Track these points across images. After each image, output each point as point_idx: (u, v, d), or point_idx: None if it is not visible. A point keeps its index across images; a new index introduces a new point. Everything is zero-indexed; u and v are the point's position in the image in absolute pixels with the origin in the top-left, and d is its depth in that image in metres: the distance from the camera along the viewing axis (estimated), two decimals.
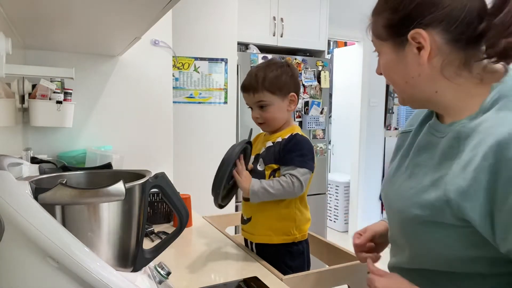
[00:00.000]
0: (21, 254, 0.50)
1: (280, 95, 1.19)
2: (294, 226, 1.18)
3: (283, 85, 1.19)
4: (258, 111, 1.21)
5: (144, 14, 1.03)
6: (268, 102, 1.19)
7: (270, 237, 1.18)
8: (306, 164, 1.14)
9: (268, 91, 1.18)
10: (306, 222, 1.22)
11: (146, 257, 0.67)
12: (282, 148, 1.17)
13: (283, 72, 1.20)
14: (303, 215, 1.21)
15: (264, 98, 1.18)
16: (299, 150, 1.15)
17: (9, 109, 1.16)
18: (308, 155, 1.15)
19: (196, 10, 2.39)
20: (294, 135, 1.19)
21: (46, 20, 1.10)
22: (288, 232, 1.18)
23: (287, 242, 1.18)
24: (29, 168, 0.91)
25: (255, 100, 1.20)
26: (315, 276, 1.06)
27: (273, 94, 1.18)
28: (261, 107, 1.20)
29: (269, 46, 3.04)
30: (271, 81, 1.17)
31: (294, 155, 1.14)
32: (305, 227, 1.22)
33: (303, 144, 1.17)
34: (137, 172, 0.68)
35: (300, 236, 1.20)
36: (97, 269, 0.50)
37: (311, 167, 1.15)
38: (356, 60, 4.16)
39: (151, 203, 1.46)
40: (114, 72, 1.80)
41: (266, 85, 1.17)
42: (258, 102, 1.20)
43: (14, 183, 0.51)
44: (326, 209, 3.21)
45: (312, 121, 3.07)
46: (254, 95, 1.19)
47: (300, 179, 1.11)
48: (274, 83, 1.18)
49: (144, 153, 1.87)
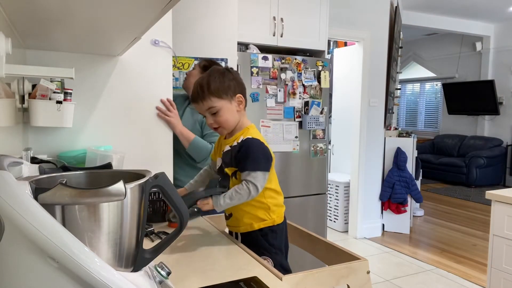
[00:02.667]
0: (21, 254, 0.50)
1: (226, 98, 1.28)
2: (270, 211, 1.32)
3: (227, 88, 1.28)
4: (211, 117, 1.30)
5: (144, 14, 1.03)
6: (218, 106, 1.27)
7: (252, 225, 1.32)
8: (259, 166, 1.24)
9: (214, 97, 1.26)
10: (280, 206, 1.36)
11: (146, 257, 0.67)
12: (235, 155, 1.28)
13: (225, 76, 1.28)
14: (276, 200, 1.34)
15: (212, 104, 1.27)
16: (250, 155, 1.24)
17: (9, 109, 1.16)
18: (258, 157, 1.25)
19: (196, 10, 2.39)
20: (244, 141, 1.28)
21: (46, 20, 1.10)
22: (265, 217, 1.32)
23: (267, 226, 1.31)
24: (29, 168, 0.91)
25: (205, 107, 1.28)
26: (315, 276, 1.06)
27: (220, 99, 1.27)
28: (213, 114, 1.29)
29: (269, 46, 3.04)
30: (215, 86, 1.26)
31: (246, 162, 1.24)
32: (280, 211, 1.36)
33: (252, 148, 1.25)
34: (137, 172, 0.68)
35: (278, 219, 1.34)
36: (97, 269, 0.50)
37: (264, 167, 1.25)
38: (356, 60, 4.16)
39: (152, 202, 1.46)
40: (114, 72, 1.80)
41: (212, 91, 1.26)
42: (208, 109, 1.28)
43: (14, 183, 0.51)
44: (326, 209, 3.22)
45: (312, 121, 3.07)
46: (203, 103, 1.28)
47: (255, 183, 1.22)
48: (218, 88, 1.26)
49: (144, 153, 1.87)
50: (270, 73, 2.92)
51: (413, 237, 4.21)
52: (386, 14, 4.15)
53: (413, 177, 4.24)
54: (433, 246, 3.95)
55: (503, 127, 6.96)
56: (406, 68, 8.67)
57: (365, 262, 1.14)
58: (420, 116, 8.80)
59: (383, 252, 3.79)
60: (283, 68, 2.96)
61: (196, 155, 1.97)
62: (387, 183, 4.24)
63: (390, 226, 4.35)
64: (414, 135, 4.34)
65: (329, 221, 4.50)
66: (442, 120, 8.19)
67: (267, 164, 1.26)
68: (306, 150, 3.10)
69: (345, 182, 4.35)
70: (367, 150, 4.19)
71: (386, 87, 4.26)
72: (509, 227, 2.02)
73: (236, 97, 1.30)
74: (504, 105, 6.92)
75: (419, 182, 4.66)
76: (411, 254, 3.69)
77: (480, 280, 3.11)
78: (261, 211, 1.31)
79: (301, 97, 3.05)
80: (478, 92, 7.03)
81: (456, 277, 3.20)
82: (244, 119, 1.34)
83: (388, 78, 4.26)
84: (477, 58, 7.31)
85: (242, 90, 1.32)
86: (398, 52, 4.57)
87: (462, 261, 3.54)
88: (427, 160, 7.32)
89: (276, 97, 2.95)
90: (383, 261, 3.55)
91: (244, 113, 1.35)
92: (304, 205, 3.09)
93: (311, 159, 3.13)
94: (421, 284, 3.07)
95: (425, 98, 8.68)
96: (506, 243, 2.03)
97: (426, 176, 7.14)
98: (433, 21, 5.83)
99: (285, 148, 2.99)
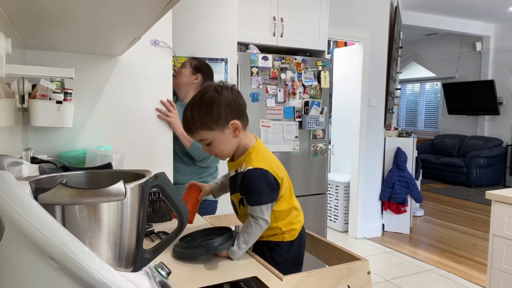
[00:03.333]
0: (21, 254, 0.50)
1: (217, 128, 1.14)
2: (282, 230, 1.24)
3: (217, 118, 1.13)
4: (206, 148, 1.20)
5: (144, 14, 1.03)
6: (209, 138, 1.16)
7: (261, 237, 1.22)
8: (262, 200, 1.15)
9: (203, 130, 1.14)
10: (294, 223, 1.27)
11: (146, 257, 0.67)
12: (239, 186, 1.20)
13: (213, 103, 1.13)
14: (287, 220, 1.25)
15: (202, 137, 1.16)
16: (253, 189, 1.15)
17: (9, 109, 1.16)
18: (262, 190, 1.15)
19: (196, 10, 2.39)
20: (246, 173, 1.16)
21: (46, 20, 1.10)
22: (276, 232, 1.24)
23: (275, 240, 1.25)
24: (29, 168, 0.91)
25: (196, 139, 1.19)
26: (315, 276, 1.06)
27: (210, 130, 1.14)
28: (207, 145, 1.18)
29: (269, 46, 3.04)
30: (202, 120, 1.13)
31: (251, 196, 1.16)
32: (294, 227, 1.27)
33: (254, 182, 1.15)
34: (137, 172, 0.68)
35: (289, 236, 1.25)
36: (97, 269, 0.50)
37: (270, 199, 1.17)
38: (356, 60, 4.16)
39: (152, 202, 1.46)
40: (114, 72, 1.79)
41: (198, 126, 1.14)
42: (200, 141, 1.19)
43: (14, 183, 0.51)
44: (326, 209, 3.21)
45: (312, 121, 3.07)
46: (193, 136, 1.18)
47: (261, 216, 1.15)
48: (206, 121, 1.13)
49: (144, 153, 1.87)
50: (270, 73, 2.92)
51: (413, 237, 4.21)
52: (386, 14, 4.15)
53: (413, 177, 4.24)
54: (433, 246, 3.95)
55: (503, 127, 6.96)
56: (406, 68, 8.67)
57: (366, 263, 1.14)
58: (420, 116, 8.80)
59: (383, 252, 3.79)
60: (283, 68, 2.96)
61: (197, 155, 1.97)
62: (387, 183, 4.24)
63: (390, 226, 4.35)
64: (414, 135, 4.34)
65: (329, 221, 4.50)
66: (442, 120, 8.19)
67: (272, 194, 1.18)
68: (306, 150, 3.10)
69: (345, 182, 4.35)
70: (367, 150, 4.19)
71: (386, 87, 4.26)
72: (509, 227, 2.02)
73: (229, 124, 1.15)
74: (504, 105, 6.92)
75: (419, 182, 4.66)
76: (411, 254, 3.69)
77: (480, 280, 3.11)
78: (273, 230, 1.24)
79: (301, 97, 3.05)
80: (478, 92, 7.03)
81: (456, 277, 3.20)
82: (245, 140, 1.21)
83: (388, 78, 4.26)
84: (477, 58, 7.31)
85: (238, 113, 1.16)
86: (398, 52, 4.57)
87: (462, 261, 3.54)
88: (427, 160, 7.31)
89: (276, 97, 2.95)
90: (383, 261, 3.55)
91: (245, 133, 1.22)
92: (304, 205, 3.07)
93: (311, 159, 3.13)
94: (421, 284, 3.07)
95: (425, 98, 8.68)
96: (506, 243, 2.03)
97: (426, 176, 7.14)
98: (433, 21, 5.83)
99: (285, 148, 2.99)
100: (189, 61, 2.10)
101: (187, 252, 1.10)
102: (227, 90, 1.17)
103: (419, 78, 8.63)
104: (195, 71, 2.07)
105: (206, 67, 2.11)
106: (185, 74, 2.06)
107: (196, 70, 2.07)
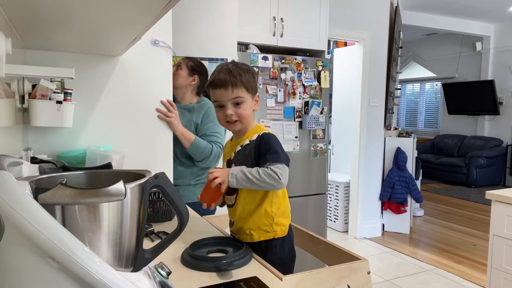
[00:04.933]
0: (21, 254, 0.50)
1: (251, 93, 1.25)
2: (273, 223, 1.24)
3: (254, 84, 1.26)
4: (233, 108, 1.23)
5: (144, 14, 1.03)
6: (244, 98, 1.23)
7: (252, 237, 1.25)
8: (280, 159, 1.17)
9: (245, 88, 1.22)
10: (285, 218, 1.28)
11: (146, 257, 0.67)
12: (253, 151, 1.22)
13: (253, 72, 1.26)
14: (280, 210, 1.26)
15: (241, 94, 1.22)
16: (270, 148, 1.19)
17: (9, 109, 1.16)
18: (279, 151, 1.19)
19: (196, 10, 2.39)
20: (261, 135, 1.23)
21: (46, 20, 1.10)
22: (267, 229, 1.24)
23: (268, 239, 1.24)
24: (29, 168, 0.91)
25: (233, 96, 1.21)
26: (315, 276, 1.06)
27: (247, 92, 1.23)
28: (236, 104, 1.22)
29: (269, 46, 3.04)
30: (247, 78, 1.22)
31: (268, 155, 1.18)
32: (284, 222, 1.28)
33: (272, 142, 1.21)
34: (137, 172, 0.68)
35: (280, 232, 1.26)
36: (97, 269, 0.50)
37: (285, 161, 1.19)
38: (356, 60, 4.16)
39: (152, 202, 1.46)
40: (114, 72, 1.79)
41: (244, 81, 1.21)
42: (235, 98, 1.22)
43: (14, 183, 0.51)
44: (326, 209, 3.22)
45: (312, 121, 3.07)
46: (233, 90, 1.21)
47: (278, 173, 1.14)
48: (249, 81, 1.23)
49: (144, 153, 1.87)
50: (270, 73, 2.92)
51: (413, 237, 4.21)
52: (386, 14, 4.15)
53: (413, 177, 4.24)
54: (433, 246, 3.95)
55: (503, 127, 6.96)
56: (406, 68, 8.67)
57: (366, 263, 1.14)
58: (420, 116, 8.80)
59: (383, 252, 3.79)
60: (283, 68, 2.96)
61: (197, 155, 1.97)
62: (387, 183, 4.24)
63: (390, 226, 4.35)
64: (414, 135, 4.34)
65: (329, 221, 4.50)
66: (442, 120, 8.19)
67: (286, 159, 1.20)
68: (306, 150, 3.10)
69: (345, 182, 4.35)
70: (367, 150, 4.19)
71: (386, 87, 4.26)
72: (509, 227, 2.02)
73: (255, 95, 1.28)
74: (504, 105, 6.92)
75: (419, 182, 4.66)
76: (411, 254, 3.69)
77: (480, 280, 3.10)
78: (265, 220, 1.24)
79: (301, 97, 3.05)
80: (478, 92, 7.02)
81: (456, 277, 3.20)
82: (254, 120, 1.33)
83: (388, 78, 4.26)
84: (477, 58, 7.31)
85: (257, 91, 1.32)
86: (398, 52, 4.57)
87: (462, 261, 3.54)
88: (427, 160, 7.31)
89: (276, 97, 2.95)
90: (383, 261, 3.55)
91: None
92: (304, 205, 3.09)
93: (311, 159, 3.13)
94: (421, 284, 3.07)
95: (425, 98, 8.68)
96: (506, 243, 2.03)
97: (426, 176, 7.13)
98: (433, 21, 5.83)
99: (285, 148, 2.97)
100: (184, 62, 2.09)
101: (194, 263, 1.05)
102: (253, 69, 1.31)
103: (419, 78, 8.63)
104: (192, 73, 2.07)
105: (202, 67, 2.11)
106: (182, 75, 2.06)
107: (193, 71, 2.07)
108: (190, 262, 1.06)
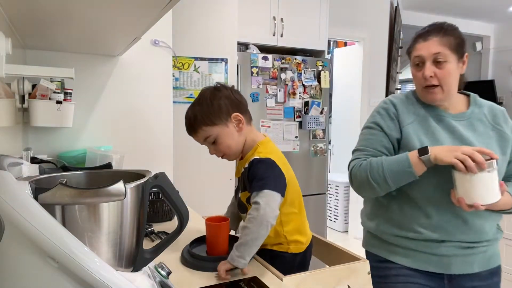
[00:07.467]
0: (21, 254, 0.50)
1: (220, 122, 1.12)
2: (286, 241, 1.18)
3: (218, 111, 1.12)
4: (212, 147, 1.16)
5: (144, 14, 1.03)
6: (213, 135, 1.13)
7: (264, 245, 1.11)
8: (266, 186, 1.04)
9: (206, 125, 1.12)
10: (301, 235, 1.20)
11: (146, 257, 0.67)
12: (246, 180, 1.12)
13: (214, 98, 1.13)
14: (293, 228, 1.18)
15: (206, 134, 1.13)
16: (256, 177, 1.07)
17: (9, 109, 1.16)
18: (265, 178, 1.06)
19: (196, 10, 2.39)
20: (251, 162, 1.11)
21: (46, 20, 1.10)
22: (280, 241, 1.17)
23: (280, 250, 1.18)
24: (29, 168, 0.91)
25: (201, 139, 1.15)
26: (315, 276, 1.06)
27: (213, 126, 1.12)
28: (212, 143, 1.14)
29: (269, 46, 3.04)
30: (203, 114, 1.12)
31: (254, 184, 1.07)
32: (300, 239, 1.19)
33: (258, 169, 1.09)
34: (137, 172, 0.68)
35: (295, 248, 1.18)
36: (97, 269, 0.50)
37: (273, 186, 1.05)
38: (356, 60, 4.16)
39: (152, 202, 1.46)
40: (114, 72, 1.80)
41: (201, 122, 1.12)
42: (205, 140, 1.14)
43: (14, 183, 0.51)
44: (326, 209, 3.21)
45: (312, 121, 3.07)
46: (196, 135, 1.15)
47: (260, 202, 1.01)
48: (207, 115, 1.11)
49: (144, 153, 1.87)
50: (270, 73, 2.92)
51: None
52: (386, 14, 4.15)
53: None
54: None
55: None
56: (406, 68, 8.66)
57: (366, 263, 1.14)
58: None
59: None
60: (283, 68, 2.96)
61: None
62: None
63: None
64: None
65: (329, 221, 4.50)
66: None
67: (276, 183, 1.07)
68: (306, 150, 3.10)
69: (345, 182, 4.35)
70: None
71: (386, 87, 4.26)
72: (509, 227, 2.02)
73: (232, 117, 1.13)
74: (504, 105, 6.91)
75: None
76: None
77: None
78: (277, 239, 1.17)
79: (301, 97, 3.05)
80: (478, 92, 6.80)
81: None
82: (252, 135, 1.18)
83: (388, 78, 4.26)
84: (477, 58, 7.31)
85: (239, 106, 1.15)
86: (398, 52, 4.57)
87: None
88: None
89: (276, 97, 2.95)
90: None
91: (251, 129, 1.19)
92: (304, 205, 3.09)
93: (311, 159, 3.13)
94: None
95: None
96: (506, 243, 2.03)
97: None
98: (433, 21, 5.82)
99: (285, 148, 2.99)
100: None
101: (194, 263, 1.05)
102: (225, 88, 1.17)
103: None
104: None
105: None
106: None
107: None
108: (190, 262, 1.06)
